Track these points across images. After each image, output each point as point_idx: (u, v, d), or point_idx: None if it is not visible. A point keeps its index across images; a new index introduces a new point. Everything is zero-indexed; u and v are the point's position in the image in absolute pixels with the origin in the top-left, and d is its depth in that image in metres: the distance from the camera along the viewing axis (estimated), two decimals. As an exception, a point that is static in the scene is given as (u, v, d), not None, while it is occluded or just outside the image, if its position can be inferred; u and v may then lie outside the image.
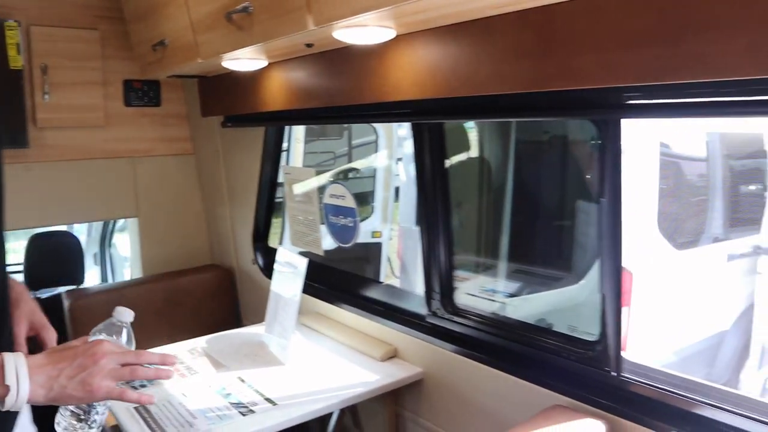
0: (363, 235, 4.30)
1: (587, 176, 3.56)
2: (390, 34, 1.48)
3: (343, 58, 1.73)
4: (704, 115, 1.25)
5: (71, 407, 1.11)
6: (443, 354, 1.88)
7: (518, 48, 1.32)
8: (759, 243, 4.21)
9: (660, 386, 1.41)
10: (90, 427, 1.12)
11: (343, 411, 2.16)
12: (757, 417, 1.27)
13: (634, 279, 3.62)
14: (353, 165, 4.54)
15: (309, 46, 1.73)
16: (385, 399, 2.04)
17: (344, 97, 1.77)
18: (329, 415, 2.09)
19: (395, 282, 4.40)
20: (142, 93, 2.79)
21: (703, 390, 1.38)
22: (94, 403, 1.11)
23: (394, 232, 4.45)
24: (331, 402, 1.79)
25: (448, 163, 3.93)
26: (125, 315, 1.17)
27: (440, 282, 1.88)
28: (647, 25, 1.12)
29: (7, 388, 0.94)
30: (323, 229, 2.37)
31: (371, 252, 4.40)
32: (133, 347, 1.18)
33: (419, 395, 1.97)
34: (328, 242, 3.48)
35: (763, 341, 4.16)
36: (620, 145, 1.38)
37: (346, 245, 2.27)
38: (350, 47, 1.65)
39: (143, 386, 1.80)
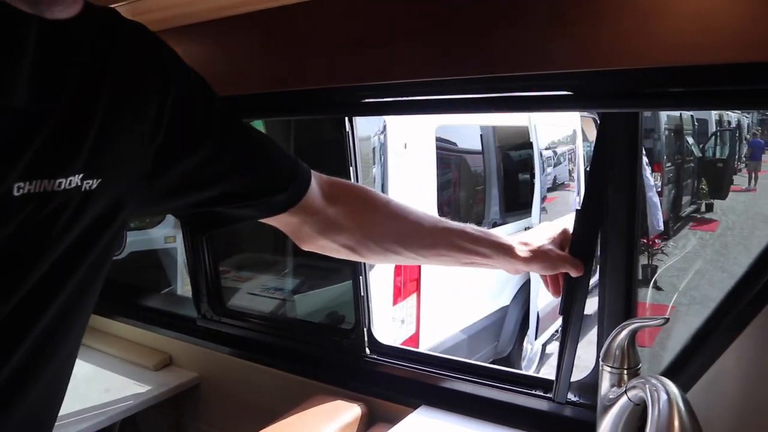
0: (156, 242, 4.10)
1: (374, 168, 3.70)
2: (127, 33, 1.43)
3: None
4: (426, 113, 1.38)
5: None
6: (217, 357, 1.86)
7: (253, 49, 1.35)
8: (530, 224, 4.66)
9: (408, 365, 1.52)
10: None
11: (123, 427, 2.06)
12: (487, 382, 1.42)
13: (422, 267, 3.82)
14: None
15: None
16: (164, 409, 1.97)
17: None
18: (109, 433, 1.99)
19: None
20: None
21: (446, 364, 1.51)
22: None
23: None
24: (96, 421, 1.70)
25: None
26: None
27: (207, 285, 1.86)
28: (363, 31, 1.20)
29: None
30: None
31: (167, 258, 4.21)
32: None
33: (197, 401, 1.94)
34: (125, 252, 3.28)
35: (538, 312, 4.62)
36: (355, 139, 1.46)
37: (117, 255, 2.15)
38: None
39: None
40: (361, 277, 1.53)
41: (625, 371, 1.10)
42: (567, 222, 1.23)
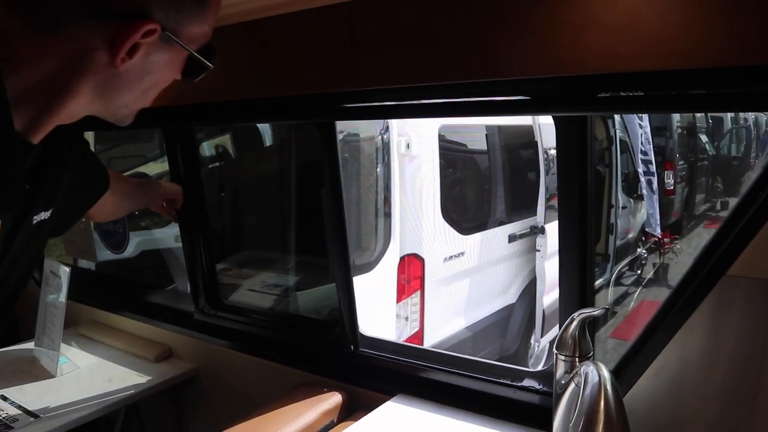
0: (166, 241, 4.21)
1: (377, 168, 3.78)
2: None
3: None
4: (397, 117, 1.45)
5: None
6: (213, 349, 1.96)
7: (245, 57, 1.44)
8: (536, 223, 4.70)
9: (388, 356, 1.61)
10: None
11: (128, 415, 2.17)
12: (462, 372, 1.50)
13: (426, 265, 3.89)
14: (140, 170, 4.44)
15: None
16: (165, 398, 2.08)
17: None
18: (114, 421, 2.09)
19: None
20: None
21: (424, 355, 1.59)
22: None
23: (199, 236, 4.39)
24: (97, 408, 1.80)
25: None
26: None
27: (204, 281, 1.96)
28: (338, 43, 1.29)
29: None
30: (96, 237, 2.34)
31: (172, 256, 4.32)
32: None
33: (195, 391, 2.04)
34: (130, 250, 3.40)
35: (543, 310, 4.66)
36: (335, 143, 1.55)
37: (119, 252, 2.27)
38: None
39: None
40: (339, 266, 1.62)
41: (577, 359, 1.18)
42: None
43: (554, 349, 1.21)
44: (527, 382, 1.40)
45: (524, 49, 1.08)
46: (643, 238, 7.10)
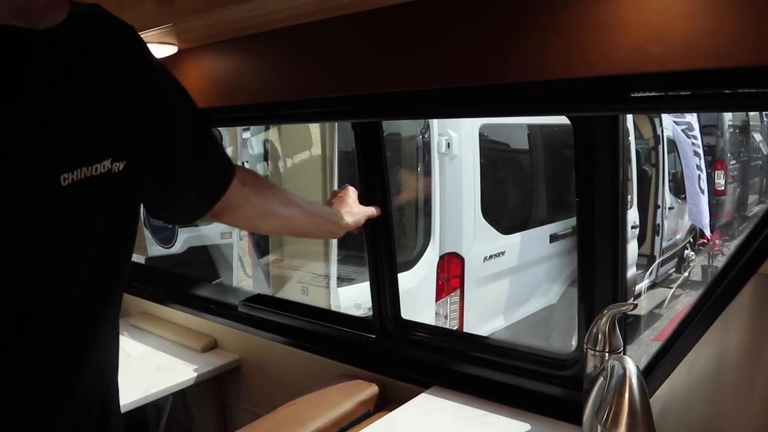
0: (212, 237, 4.33)
1: (417, 167, 3.82)
2: (172, 49, 1.61)
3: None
4: (434, 116, 1.48)
5: None
6: (256, 340, 2.03)
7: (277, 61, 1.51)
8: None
9: (425, 346, 1.65)
10: None
11: (175, 402, 2.26)
12: (495, 361, 1.53)
13: (466, 264, 3.91)
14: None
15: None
16: (211, 388, 2.16)
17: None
18: (162, 406, 2.20)
19: (248, 281, 4.46)
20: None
21: (462, 343, 1.64)
22: None
23: (244, 232, 4.52)
24: (148, 394, 1.89)
25: (290, 162, 4.03)
26: None
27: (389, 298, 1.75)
28: (380, 44, 1.34)
29: None
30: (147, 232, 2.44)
31: (223, 253, 4.45)
32: None
33: (239, 381, 2.12)
34: (178, 246, 3.54)
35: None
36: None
37: (168, 247, 2.36)
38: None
39: None
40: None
41: (607, 354, 1.20)
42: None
43: (584, 344, 1.24)
44: (559, 376, 1.43)
45: (557, 50, 1.11)
46: (692, 240, 6.94)
